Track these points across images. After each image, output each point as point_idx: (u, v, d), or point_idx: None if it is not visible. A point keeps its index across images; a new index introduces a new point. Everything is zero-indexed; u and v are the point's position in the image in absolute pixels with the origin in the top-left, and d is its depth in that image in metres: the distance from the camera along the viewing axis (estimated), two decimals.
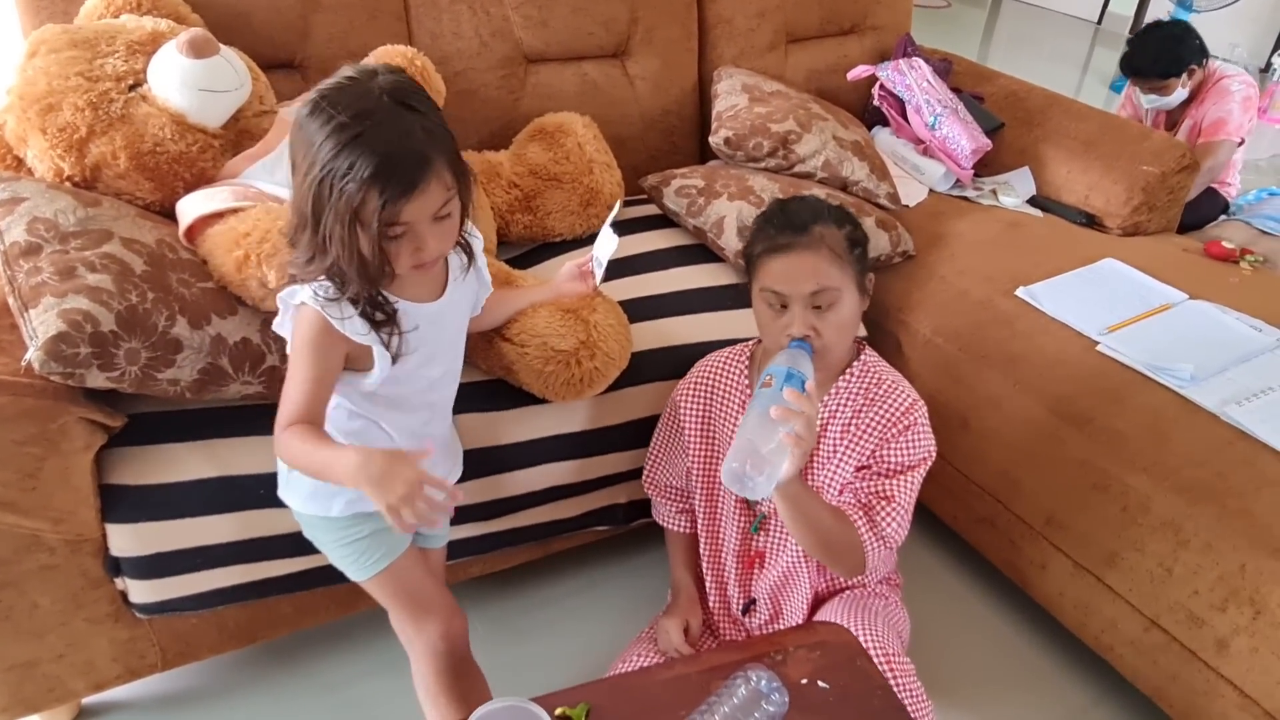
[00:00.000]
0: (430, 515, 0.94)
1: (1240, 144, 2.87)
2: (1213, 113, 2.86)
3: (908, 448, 1.32)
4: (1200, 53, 2.85)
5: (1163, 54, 2.83)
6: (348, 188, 0.97)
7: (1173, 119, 3.03)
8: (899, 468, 1.31)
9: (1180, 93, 2.87)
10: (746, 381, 1.41)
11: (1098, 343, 1.68)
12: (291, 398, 1.07)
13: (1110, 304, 1.79)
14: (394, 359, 1.12)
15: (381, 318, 1.10)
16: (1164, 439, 1.50)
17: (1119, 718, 1.63)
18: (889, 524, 1.28)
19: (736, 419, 1.39)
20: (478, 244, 1.24)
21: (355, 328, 1.07)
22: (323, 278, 1.06)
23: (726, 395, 1.42)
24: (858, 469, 1.34)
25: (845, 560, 1.30)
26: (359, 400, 1.18)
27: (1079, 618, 1.61)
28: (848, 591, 1.44)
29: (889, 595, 1.46)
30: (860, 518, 1.29)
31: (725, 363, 1.44)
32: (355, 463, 0.95)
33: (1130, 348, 1.65)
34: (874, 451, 1.33)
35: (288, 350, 1.12)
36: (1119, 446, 1.51)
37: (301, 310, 1.08)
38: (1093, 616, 1.58)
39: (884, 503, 1.29)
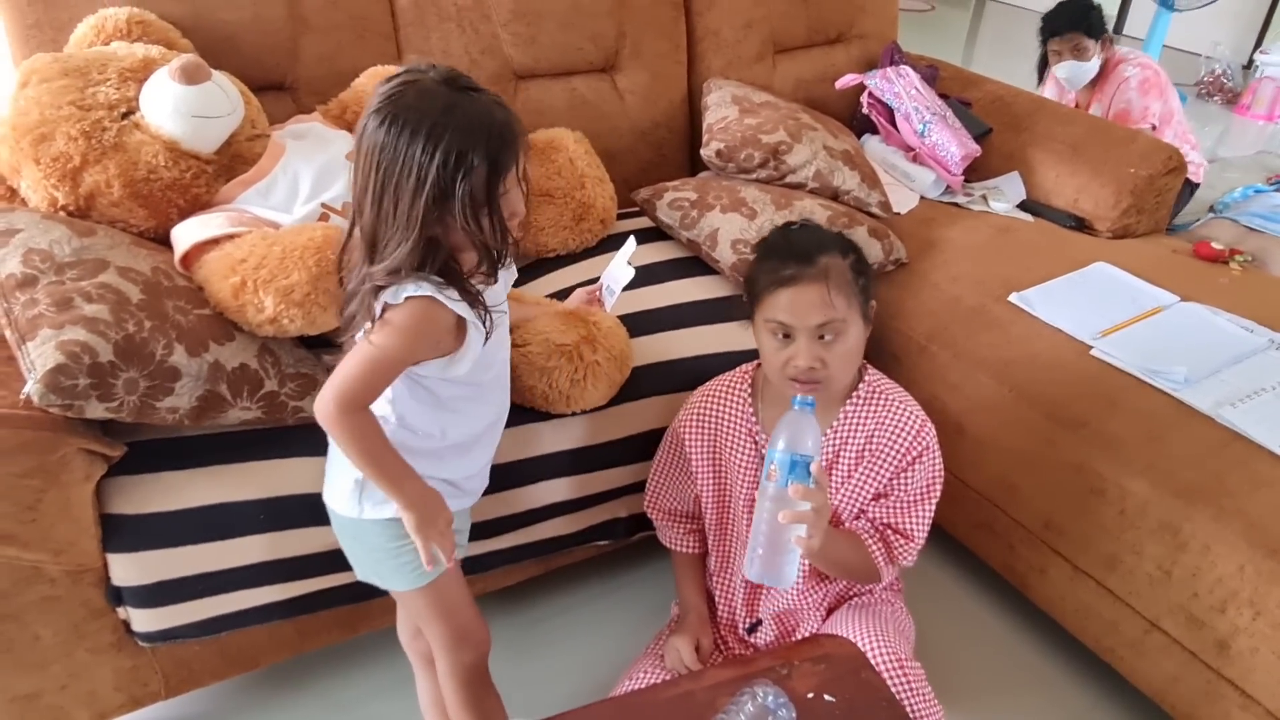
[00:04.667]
0: (443, 557, 1.15)
1: (1154, 129, 2.91)
2: (1114, 104, 2.98)
3: (922, 474, 1.35)
4: (1105, 28, 3.00)
5: (1078, 12, 2.99)
6: (472, 179, 1.02)
7: (1079, 102, 3.11)
8: (915, 496, 1.36)
9: (1095, 61, 2.99)
10: (751, 410, 1.40)
11: (1091, 347, 1.69)
12: (363, 378, 1.07)
13: (1102, 308, 1.80)
14: (485, 338, 1.14)
15: (473, 297, 1.12)
16: (1159, 442, 1.51)
17: None
18: (905, 557, 1.37)
19: (743, 450, 1.40)
20: None
21: (463, 309, 1.10)
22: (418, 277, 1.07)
23: (732, 426, 1.41)
24: (874, 497, 1.37)
25: (860, 579, 1.42)
26: (448, 393, 1.18)
27: (1079, 621, 1.62)
28: (855, 599, 1.46)
29: (893, 600, 1.48)
30: (877, 545, 1.36)
31: (726, 392, 1.43)
32: (422, 488, 1.12)
33: (1123, 351, 1.66)
34: (890, 480, 1.35)
35: (361, 338, 1.10)
36: (1115, 450, 1.52)
37: (409, 303, 1.07)
38: (1093, 620, 1.59)
39: (902, 539, 1.37)
